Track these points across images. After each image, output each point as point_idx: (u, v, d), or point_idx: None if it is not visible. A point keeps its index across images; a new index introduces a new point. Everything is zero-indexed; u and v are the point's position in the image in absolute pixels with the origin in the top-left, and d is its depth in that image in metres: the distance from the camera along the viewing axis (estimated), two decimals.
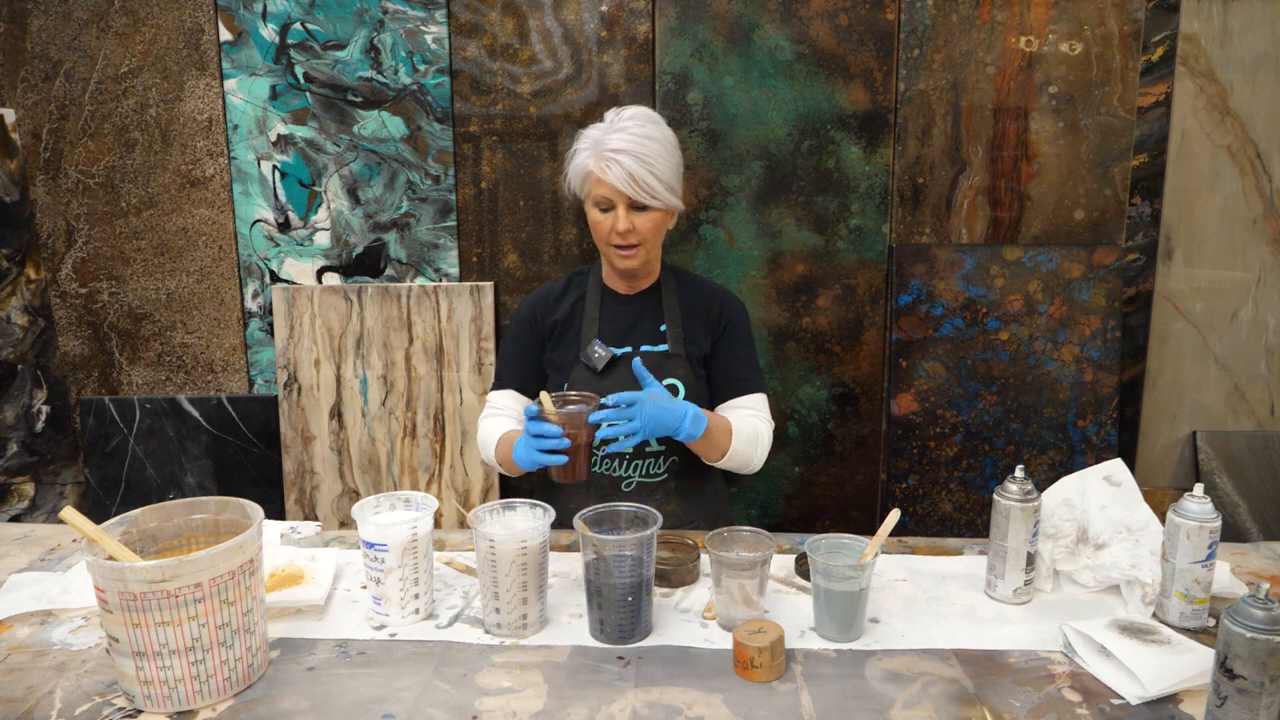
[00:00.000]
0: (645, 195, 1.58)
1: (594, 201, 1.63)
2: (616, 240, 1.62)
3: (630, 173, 1.57)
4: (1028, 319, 2.24)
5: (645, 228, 1.61)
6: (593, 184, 1.62)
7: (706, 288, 1.77)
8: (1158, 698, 1.13)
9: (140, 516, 1.22)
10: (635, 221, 1.60)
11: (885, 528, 1.29)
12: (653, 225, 1.63)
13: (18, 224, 2.30)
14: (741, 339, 1.75)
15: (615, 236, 1.62)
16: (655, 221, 1.63)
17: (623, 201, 1.59)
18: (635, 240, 1.62)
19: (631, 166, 1.56)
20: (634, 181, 1.57)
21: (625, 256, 1.64)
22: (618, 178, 1.57)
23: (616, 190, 1.58)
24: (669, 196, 1.62)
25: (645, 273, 1.72)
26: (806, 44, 2.17)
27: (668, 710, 1.11)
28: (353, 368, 2.34)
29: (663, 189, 1.60)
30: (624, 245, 1.63)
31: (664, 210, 1.63)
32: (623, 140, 1.57)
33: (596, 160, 1.60)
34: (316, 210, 2.32)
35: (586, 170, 1.62)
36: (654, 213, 1.62)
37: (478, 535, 1.25)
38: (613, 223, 1.61)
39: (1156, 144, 2.26)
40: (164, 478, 2.39)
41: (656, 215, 1.63)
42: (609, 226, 1.61)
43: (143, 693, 1.10)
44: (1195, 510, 1.27)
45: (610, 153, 1.58)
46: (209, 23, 2.24)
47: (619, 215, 1.60)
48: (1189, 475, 2.39)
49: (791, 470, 2.35)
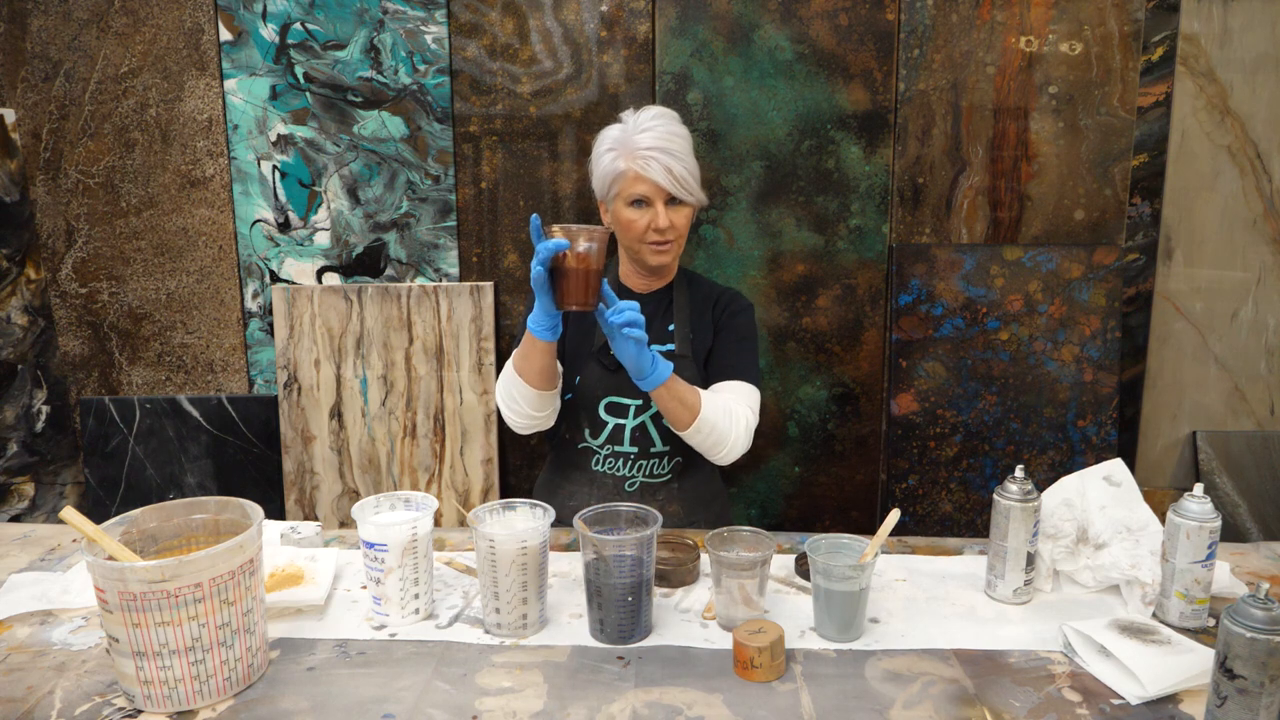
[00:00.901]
0: (683, 191, 1.63)
1: (628, 200, 1.64)
2: (654, 237, 1.65)
3: (669, 169, 1.61)
4: (1028, 319, 2.24)
5: (681, 223, 1.66)
6: (626, 183, 1.64)
7: (716, 289, 1.79)
8: (1158, 698, 1.13)
9: (140, 516, 1.22)
10: (673, 217, 1.65)
11: (885, 528, 1.29)
12: (686, 220, 1.68)
13: (18, 224, 2.30)
14: (741, 333, 1.75)
15: (653, 234, 1.64)
16: (688, 217, 1.68)
17: (662, 198, 1.63)
18: (673, 236, 1.66)
19: (669, 163, 1.61)
20: (673, 177, 1.61)
21: (662, 251, 1.67)
22: (659, 175, 1.60)
23: (657, 187, 1.62)
24: (700, 192, 1.68)
25: (667, 270, 1.75)
26: (806, 44, 2.17)
27: (668, 710, 1.11)
28: (353, 368, 2.34)
29: (695, 184, 1.66)
30: (661, 241, 1.66)
31: (695, 205, 1.68)
32: (653, 139, 1.61)
33: (629, 160, 1.62)
34: (316, 210, 2.32)
35: (618, 171, 1.64)
36: (687, 208, 1.67)
37: (478, 535, 1.25)
38: (650, 220, 1.63)
39: (1156, 144, 2.26)
40: (164, 478, 2.39)
41: (688, 210, 1.68)
42: (645, 224, 1.64)
43: (143, 693, 1.10)
44: (1195, 510, 1.27)
45: (645, 151, 1.61)
46: (209, 23, 2.24)
47: (659, 212, 1.63)
48: (1189, 475, 2.39)
49: (791, 470, 2.35)
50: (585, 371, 1.69)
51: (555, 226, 1.39)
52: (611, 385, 1.68)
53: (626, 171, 1.63)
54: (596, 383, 1.68)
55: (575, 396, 1.70)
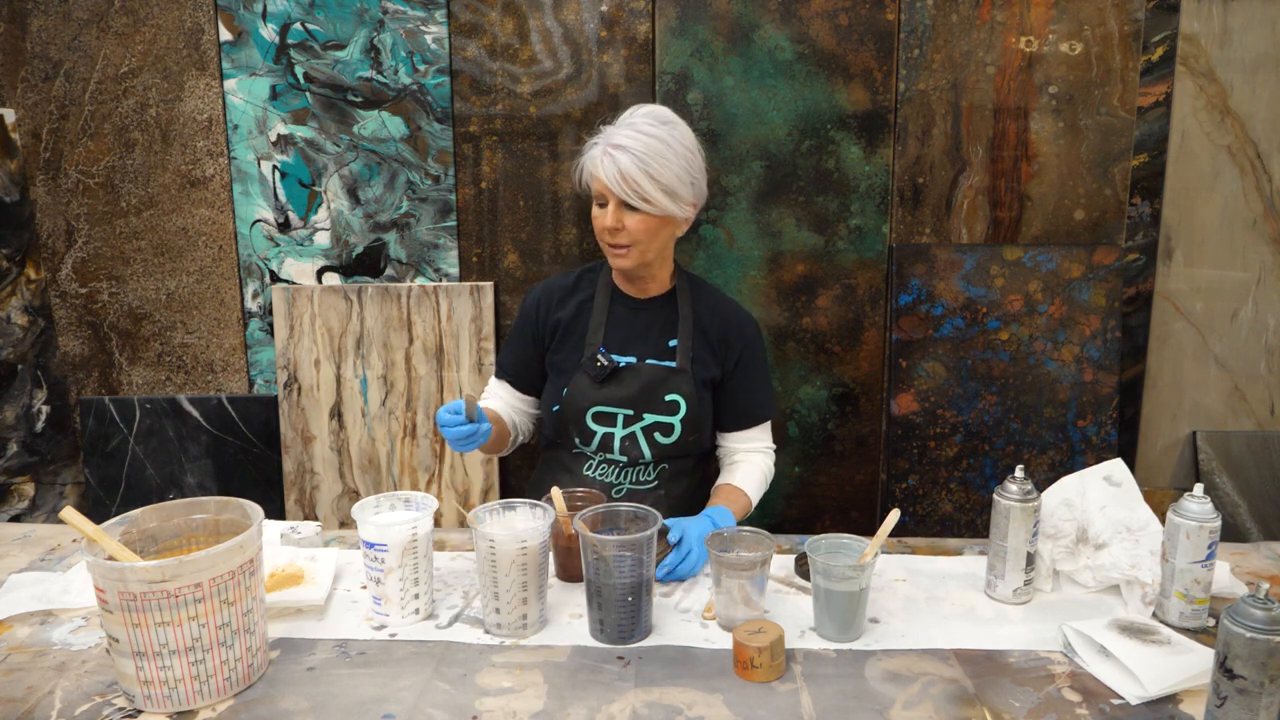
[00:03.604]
0: (633, 195, 1.54)
1: (594, 196, 1.62)
2: (607, 238, 1.61)
3: (621, 170, 1.53)
4: (1028, 319, 2.24)
5: (636, 229, 1.57)
6: (591, 179, 1.61)
7: (721, 306, 1.74)
8: (1158, 698, 1.13)
9: (140, 516, 1.22)
10: (625, 221, 1.57)
11: (885, 528, 1.29)
12: (645, 228, 1.58)
13: (18, 224, 2.30)
14: (756, 365, 1.74)
15: (606, 234, 1.60)
16: (647, 225, 1.58)
17: (613, 199, 1.57)
18: (625, 240, 1.59)
19: (625, 164, 1.53)
20: (623, 179, 1.53)
21: (617, 255, 1.62)
22: (608, 174, 1.55)
23: (606, 186, 1.57)
24: (664, 201, 1.56)
25: (648, 277, 1.70)
26: (806, 44, 2.17)
27: (668, 710, 1.11)
28: (353, 368, 2.34)
29: (657, 192, 1.54)
30: (615, 244, 1.61)
31: (656, 215, 1.58)
32: (626, 137, 1.55)
33: (600, 154, 1.58)
34: (316, 210, 2.32)
35: (591, 165, 1.61)
36: (646, 215, 1.57)
37: (478, 535, 1.25)
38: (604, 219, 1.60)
39: (1156, 144, 2.26)
40: (164, 478, 2.39)
41: (650, 219, 1.58)
42: (602, 223, 1.60)
43: (143, 693, 1.10)
44: (1195, 510, 1.27)
45: (611, 148, 1.55)
46: (209, 23, 2.24)
47: (609, 212, 1.57)
48: (1189, 475, 2.39)
49: (791, 470, 2.35)
50: (572, 383, 1.68)
51: (561, 512, 1.39)
52: (598, 396, 1.66)
53: (591, 169, 1.61)
54: (582, 394, 1.67)
55: (563, 408, 1.69)
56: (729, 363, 1.72)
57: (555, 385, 1.72)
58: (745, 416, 1.75)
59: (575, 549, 1.37)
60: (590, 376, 1.66)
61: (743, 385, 1.73)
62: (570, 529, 1.39)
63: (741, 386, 1.73)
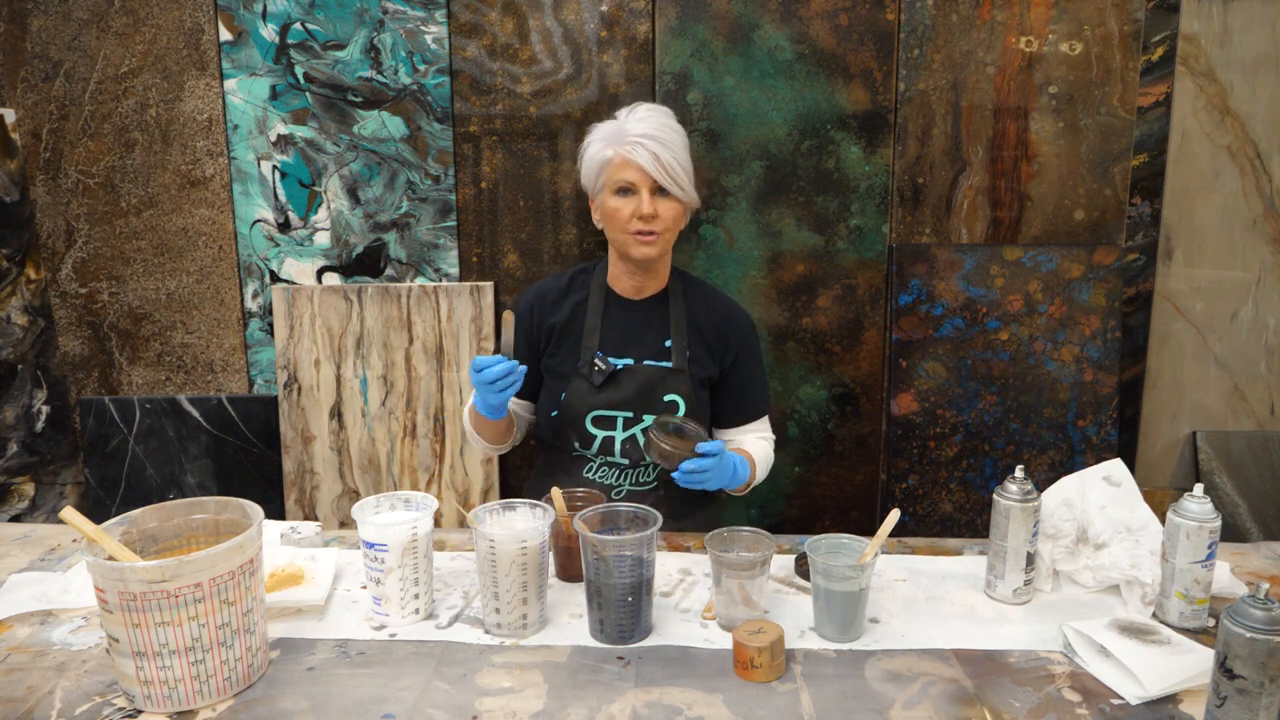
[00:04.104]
0: (669, 179, 1.60)
1: (614, 188, 1.63)
2: (638, 226, 1.61)
3: (656, 155, 1.58)
4: (1028, 319, 2.24)
5: (667, 215, 1.63)
6: (613, 170, 1.62)
7: (716, 305, 1.75)
8: (1157, 698, 1.13)
9: (140, 516, 1.22)
10: (659, 207, 1.61)
11: (885, 528, 1.29)
12: (674, 214, 1.64)
13: (18, 224, 2.30)
14: (753, 362, 1.76)
15: (637, 222, 1.61)
16: (675, 211, 1.64)
17: (647, 185, 1.60)
18: (659, 227, 1.62)
19: (657, 150, 1.59)
20: (660, 164, 1.59)
21: (646, 243, 1.63)
22: (645, 159, 1.58)
23: (642, 172, 1.59)
24: (691, 190, 1.65)
25: (655, 273, 1.71)
26: (806, 44, 2.17)
27: (668, 710, 1.11)
28: (353, 368, 2.34)
29: (685, 177, 1.62)
30: (645, 231, 1.62)
31: (683, 202, 1.65)
32: (645, 127, 1.60)
33: (618, 147, 1.60)
34: (316, 210, 2.32)
35: (604, 159, 1.62)
36: (675, 202, 1.63)
37: (478, 535, 1.25)
38: (634, 207, 1.60)
39: (1156, 144, 2.26)
40: (164, 478, 2.39)
41: (678, 205, 1.64)
42: (630, 212, 1.61)
43: (143, 693, 1.10)
44: (1195, 510, 1.27)
45: (635, 137, 1.59)
46: (209, 23, 2.24)
47: (643, 199, 1.60)
48: (1189, 475, 2.39)
49: (791, 470, 2.35)
50: (570, 387, 1.68)
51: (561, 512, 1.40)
52: (597, 399, 1.66)
53: (614, 158, 1.61)
54: (580, 398, 1.67)
55: (561, 412, 1.69)
56: (726, 361, 1.73)
57: (552, 389, 1.72)
58: (743, 412, 1.77)
59: (575, 549, 1.37)
60: (588, 381, 1.66)
61: (740, 382, 1.75)
62: (570, 529, 1.39)
63: (739, 384, 1.75)
